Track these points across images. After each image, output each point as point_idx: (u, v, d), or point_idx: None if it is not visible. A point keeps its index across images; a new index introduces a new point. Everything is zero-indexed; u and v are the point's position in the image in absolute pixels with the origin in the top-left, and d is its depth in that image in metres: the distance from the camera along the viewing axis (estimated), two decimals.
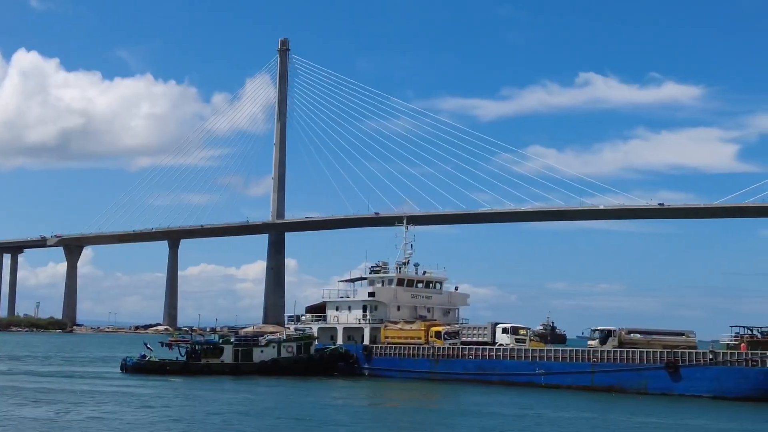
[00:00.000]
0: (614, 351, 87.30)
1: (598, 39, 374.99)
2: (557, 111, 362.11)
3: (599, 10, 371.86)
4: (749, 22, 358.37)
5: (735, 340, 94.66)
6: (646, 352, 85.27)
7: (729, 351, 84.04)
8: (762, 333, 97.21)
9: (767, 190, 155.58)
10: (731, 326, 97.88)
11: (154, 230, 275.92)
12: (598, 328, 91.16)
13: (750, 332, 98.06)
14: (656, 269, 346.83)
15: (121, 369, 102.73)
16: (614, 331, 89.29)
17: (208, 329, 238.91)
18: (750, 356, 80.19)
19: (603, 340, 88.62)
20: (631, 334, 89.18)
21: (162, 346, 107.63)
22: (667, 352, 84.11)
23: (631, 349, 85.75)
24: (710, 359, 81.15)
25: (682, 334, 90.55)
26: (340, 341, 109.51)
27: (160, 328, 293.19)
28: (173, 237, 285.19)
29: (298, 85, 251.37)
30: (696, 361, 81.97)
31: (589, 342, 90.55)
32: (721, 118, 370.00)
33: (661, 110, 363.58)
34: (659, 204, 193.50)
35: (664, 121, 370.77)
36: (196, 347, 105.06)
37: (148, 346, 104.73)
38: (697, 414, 67.49)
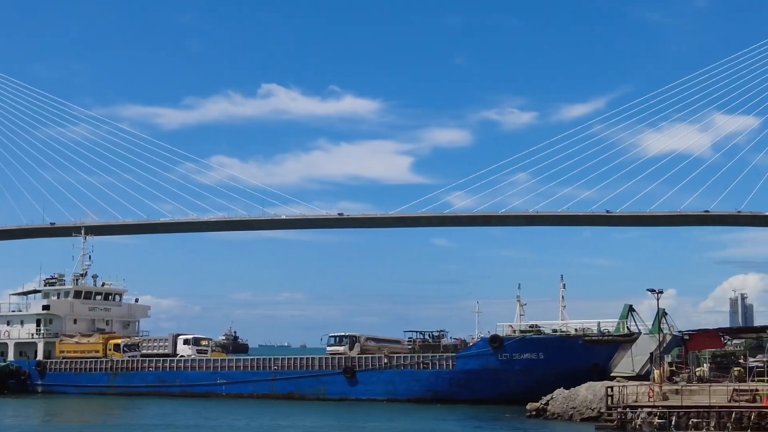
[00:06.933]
0: (293, 359, 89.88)
1: (280, 51, 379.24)
2: (240, 121, 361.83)
3: (281, 21, 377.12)
4: (421, 40, 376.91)
5: (409, 344, 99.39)
6: (325, 358, 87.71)
7: (403, 354, 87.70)
8: (432, 337, 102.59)
9: (438, 201, 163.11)
10: (405, 331, 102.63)
11: None
12: (338, 334, 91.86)
13: (422, 336, 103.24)
14: (336, 277, 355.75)
15: None
16: (358, 337, 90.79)
17: None
18: (421, 359, 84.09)
19: (351, 346, 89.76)
20: (369, 341, 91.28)
21: None
22: (345, 358, 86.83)
23: (367, 356, 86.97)
24: (385, 363, 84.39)
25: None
26: (11, 357, 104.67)
27: None
28: None
29: None
30: (372, 365, 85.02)
31: (332, 348, 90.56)
32: (397, 131, 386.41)
33: (340, 123, 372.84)
34: (338, 214, 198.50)
35: (343, 133, 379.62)
36: None
37: None
38: (372, 417, 69.93)
